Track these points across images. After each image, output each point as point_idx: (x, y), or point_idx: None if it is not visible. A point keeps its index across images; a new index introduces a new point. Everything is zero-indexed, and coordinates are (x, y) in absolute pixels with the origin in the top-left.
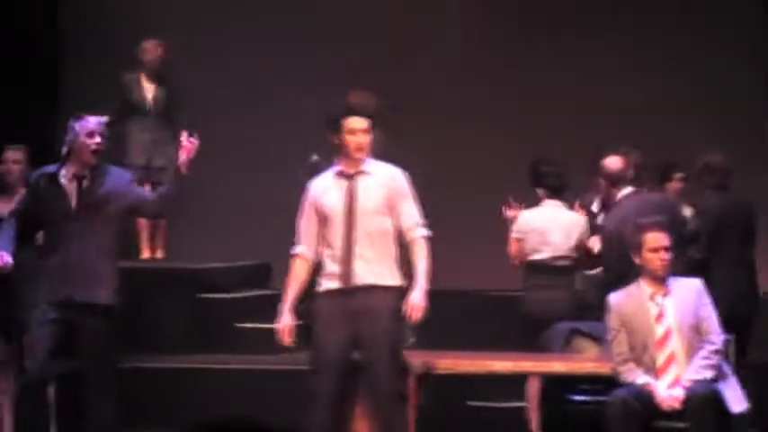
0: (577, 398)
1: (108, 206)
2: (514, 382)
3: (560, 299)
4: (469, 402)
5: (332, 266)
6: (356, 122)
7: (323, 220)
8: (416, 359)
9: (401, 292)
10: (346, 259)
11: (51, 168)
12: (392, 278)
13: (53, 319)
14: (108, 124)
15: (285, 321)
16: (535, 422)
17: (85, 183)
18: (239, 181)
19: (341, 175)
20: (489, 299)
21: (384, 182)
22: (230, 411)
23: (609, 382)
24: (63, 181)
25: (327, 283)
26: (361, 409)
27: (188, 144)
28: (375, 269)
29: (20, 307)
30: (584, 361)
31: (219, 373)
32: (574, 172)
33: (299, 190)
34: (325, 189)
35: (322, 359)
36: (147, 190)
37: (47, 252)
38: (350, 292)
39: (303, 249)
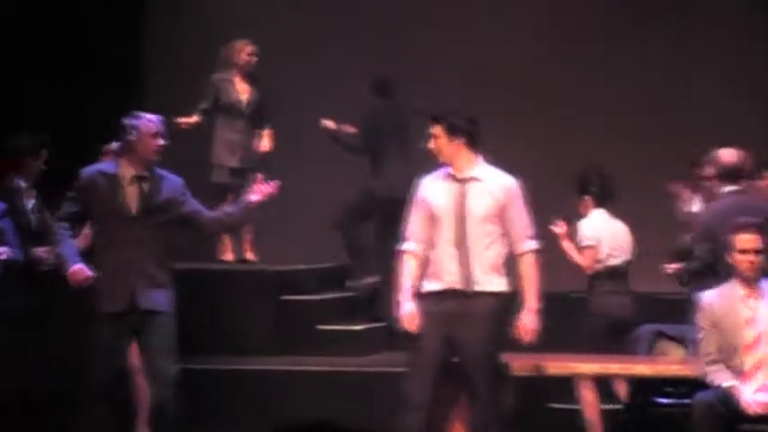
0: (662, 400)
1: (167, 213)
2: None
3: (632, 302)
4: (551, 405)
5: (436, 268)
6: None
7: (430, 220)
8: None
9: (503, 298)
10: (450, 263)
11: (108, 167)
12: (495, 284)
13: (114, 335)
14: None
15: (408, 308)
16: (595, 424)
17: (146, 186)
18: (322, 182)
19: (451, 177)
20: (561, 300)
21: (494, 190)
22: (313, 413)
23: (694, 385)
24: (124, 183)
25: (429, 285)
26: (457, 414)
27: (264, 188)
28: (479, 274)
29: None
30: (669, 363)
31: (302, 375)
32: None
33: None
34: (434, 190)
35: (417, 362)
36: (204, 207)
37: (101, 256)
38: (451, 294)
39: (413, 246)
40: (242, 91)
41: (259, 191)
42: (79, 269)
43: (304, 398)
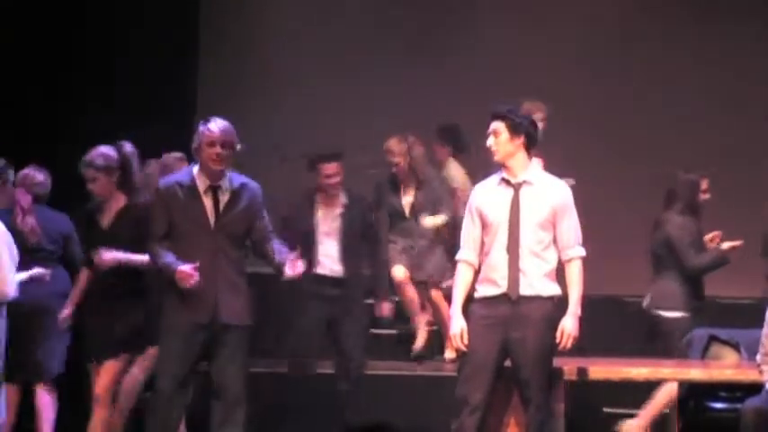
0: (716, 405)
1: (243, 225)
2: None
3: None
4: (606, 409)
5: (489, 274)
6: (490, 124)
7: (485, 227)
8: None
9: (555, 302)
10: (504, 268)
11: (185, 177)
12: (548, 288)
13: (190, 343)
14: None
15: (459, 325)
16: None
17: (222, 197)
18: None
19: (504, 182)
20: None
21: (548, 194)
22: (370, 417)
23: (748, 390)
24: (200, 193)
25: (483, 290)
26: (512, 418)
27: (295, 267)
28: (532, 280)
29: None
30: (722, 368)
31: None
32: None
33: None
34: (488, 196)
35: (472, 365)
36: (269, 231)
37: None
38: (505, 300)
39: (468, 255)
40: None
41: (292, 267)
42: (187, 269)
43: (361, 401)
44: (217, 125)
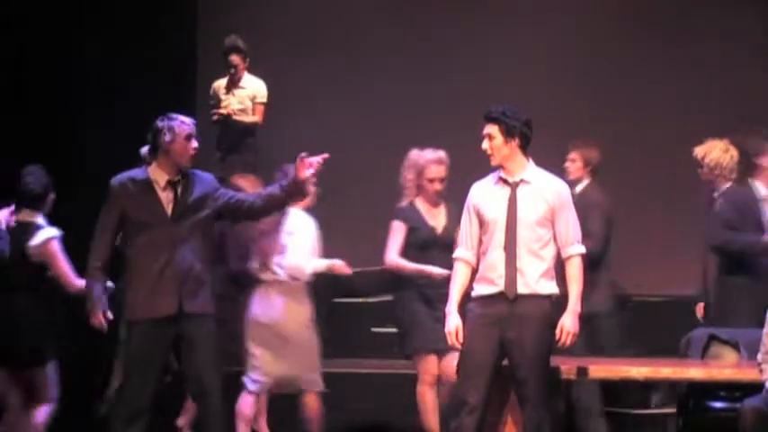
0: (716, 405)
1: (202, 213)
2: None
3: None
4: (606, 408)
5: (487, 273)
6: (485, 127)
7: (482, 226)
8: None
9: (553, 301)
10: (502, 267)
11: (139, 173)
12: (546, 287)
13: (154, 339)
14: None
15: (454, 322)
16: None
17: (180, 189)
18: (374, 184)
19: (502, 181)
20: None
21: (545, 193)
22: (366, 415)
23: (747, 389)
24: (157, 188)
25: (480, 289)
26: (510, 416)
27: (310, 163)
28: (530, 279)
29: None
30: (722, 367)
31: (356, 377)
32: None
33: None
34: (486, 195)
35: (470, 364)
36: (239, 193)
37: (141, 263)
38: (502, 299)
39: (465, 253)
40: None
41: (307, 165)
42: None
43: (359, 400)
44: (189, 119)
